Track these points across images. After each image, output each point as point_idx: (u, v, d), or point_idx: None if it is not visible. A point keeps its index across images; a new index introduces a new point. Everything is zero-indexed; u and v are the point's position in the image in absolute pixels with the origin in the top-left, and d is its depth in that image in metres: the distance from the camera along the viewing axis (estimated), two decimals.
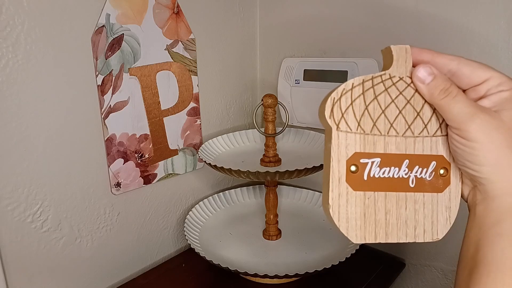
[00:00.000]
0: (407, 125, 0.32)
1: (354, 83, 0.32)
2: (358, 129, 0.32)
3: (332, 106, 0.32)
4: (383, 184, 0.32)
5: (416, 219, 0.33)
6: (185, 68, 0.71)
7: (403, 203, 0.33)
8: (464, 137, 0.29)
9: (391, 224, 0.32)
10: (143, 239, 0.73)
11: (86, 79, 0.58)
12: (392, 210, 0.33)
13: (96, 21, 0.57)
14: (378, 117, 0.32)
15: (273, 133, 0.67)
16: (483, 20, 0.56)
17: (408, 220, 0.33)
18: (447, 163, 0.33)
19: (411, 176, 0.33)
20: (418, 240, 0.33)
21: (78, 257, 0.63)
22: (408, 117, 0.32)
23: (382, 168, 0.32)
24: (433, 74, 0.30)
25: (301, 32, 0.79)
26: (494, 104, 0.29)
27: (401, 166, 0.33)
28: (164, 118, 0.70)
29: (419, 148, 0.33)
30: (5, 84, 0.51)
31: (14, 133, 0.53)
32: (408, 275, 0.75)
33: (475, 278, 0.29)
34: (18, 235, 0.55)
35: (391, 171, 0.32)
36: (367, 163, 0.32)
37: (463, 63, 0.30)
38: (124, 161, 0.66)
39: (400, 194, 0.33)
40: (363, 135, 0.32)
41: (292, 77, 0.79)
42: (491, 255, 0.28)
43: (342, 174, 0.32)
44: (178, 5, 0.68)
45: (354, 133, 0.32)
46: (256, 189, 0.86)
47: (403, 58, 0.32)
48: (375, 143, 0.32)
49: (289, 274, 0.59)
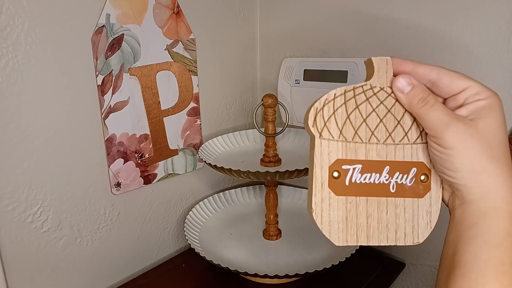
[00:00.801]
0: (388, 133, 0.34)
1: (336, 93, 0.33)
2: (340, 137, 0.33)
3: (315, 115, 0.33)
4: (364, 189, 0.34)
5: (397, 223, 0.34)
6: (185, 68, 0.71)
7: (384, 208, 0.34)
8: (441, 144, 0.30)
9: (372, 227, 0.34)
10: (143, 239, 0.73)
11: (86, 79, 0.58)
12: (374, 214, 0.34)
13: (96, 21, 0.57)
14: (359, 126, 0.34)
15: (273, 133, 0.67)
16: (483, 20, 0.56)
17: (389, 224, 0.34)
18: (428, 170, 0.34)
19: (392, 181, 0.34)
20: (399, 244, 0.34)
21: (78, 257, 0.63)
22: (389, 125, 0.34)
23: (363, 174, 0.34)
24: (412, 84, 0.31)
25: (301, 32, 0.79)
26: (471, 112, 0.30)
27: (382, 172, 0.34)
28: (164, 118, 0.70)
29: (400, 155, 0.34)
30: (5, 84, 0.51)
31: (14, 133, 0.53)
32: (408, 275, 0.75)
33: (452, 279, 0.30)
34: (18, 235, 0.55)
35: (372, 177, 0.34)
36: (348, 169, 0.33)
37: (443, 73, 0.31)
38: (124, 161, 0.66)
39: (381, 199, 0.34)
40: (345, 142, 0.34)
41: (292, 77, 0.79)
42: (466, 256, 0.29)
43: (324, 179, 0.33)
44: (178, 5, 0.68)
45: (336, 141, 0.33)
46: (256, 189, 0.86)
47: (383, 69, 0.33)
48: (357, 150, 0.34)
49: (289, 274, 0.59)
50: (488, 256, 0.28)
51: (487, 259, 0.28)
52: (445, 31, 0.60)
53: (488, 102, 0.30)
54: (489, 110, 0.29)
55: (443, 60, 0.61)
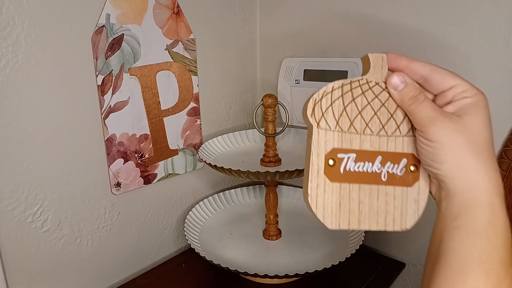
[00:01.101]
0: (381, 125, 0.36)
1: (334, 86, 0.35)
2: (336, 127, 0.36)
3: (314, 106, 0.35)
4: (357, 177, 0.36)
5: (387, 209, 0.36)
6: (185, 68, 0.71)
7: (375, 195, 0.36)
8: (427, 138, 0.32)
9: (363, 213, 0.36)
10: (143, 239, 0.73)
11: (86, 79, 0.58)
12: (365, 200, 0.36)
13: (96, 21, 0.57)
14: (355, 117, 0.36)
15: (273, 133, 0.67)
16: (483, 20, 0.56)
17: (379, 210, 0.36)
18: (417, 161, 0.36)
19: (383, 171, 0.36)
20: (388, 229, 0.36)
21: (78, 257, 0.63)
22: (383, 118, 0.36)
23: (357, 163, 0.36)
24: (405, 82, 0.33)
25: (301, 32, 0.79)
26: (457, 109, 0.32)
27: (374, 161, 0.36)
28: (164, 118, 0.70)
29: (392, 146, 0.36)
30: (5, 84, 0.51)
31: (14, 133, 0.53)
32: (408, 275, 0.75)
33: (437, 267, 0.31)
34: (18, 235, 0.55)
35: (365, 166, 0.36)
36: (343, 158, 0.36)
37: (435, 71, 0.33)
38: (124, 161, 0.66)
39: (373, 187, 0.36)
40: (341, 133, 0.36)
41: (292, 77, 0.79)
42: (450, 245, 0.31)
43: (320, 167, 0.35)
44: (178, 5, 0.68)
45: (332, 131, 0.36)
46: (256, 189, 0.86)
47: (379, 66, 0.35)
48: (352, 140, 0.36)
49: (289, 274, 0.59)
50: (471, 244, 0.30)
51: (470, 247, 0.30)
52: (445, 31, 0.60)
53: (474, 100, 0.31)
54: (474, 108, 0.31)
55: (443, 60, 0.61)
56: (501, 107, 0.57)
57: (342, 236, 0.72)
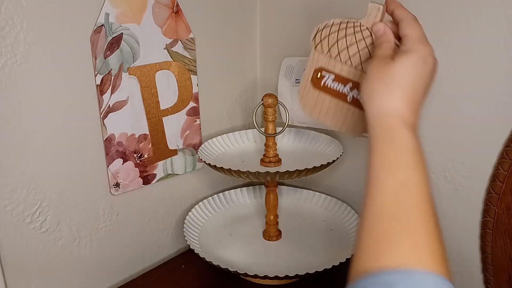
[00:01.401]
0: (360, 62, 0.47)
1: (334, 22, 0.47)
2: (327, 53, 0.48)
3: (316, 32, 0.49)
4: (331, 92, 0.49)
5: (345, 119, 0.49)
6: (185, 67, 0.71)
7: (340, 108, 0.49)
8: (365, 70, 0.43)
9: (328, 115, 0.51)
10: (143, 240, 0.73)
11: (85, 78, 0.58)
12: (332, 108, 0.50)
13: (95, 20, 0.57)
14: (342, 50, 0.47)
15: (273, 133, 0.67)
16: (483, 20, 0.56)
17: (339, 118, 0.50)
18: None
19: (350, 94, 0.48)
20: (342, 131, 0.50)
21: (77, 257, 0.63)
22: (363, 57, 0.46)
23: (333, 82, 0.49)
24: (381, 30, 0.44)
25: (301, 31, 0.79)
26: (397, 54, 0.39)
27: (345, 85, 0.48)
28: (163, 118, 0.70)
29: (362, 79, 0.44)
30: (4, 84, 0.50)
31: (13, 133, 0.52)
32: None
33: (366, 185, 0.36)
34: (17, 236, 0.55)
35: (338, 86, 0.49)
36: (325, 76, 0.49)
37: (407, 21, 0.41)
38: (123, 161, 0.65)
39: (339, 102, 0.49)
40: (330, 58, 0.48)
41: (292, 76, 0.79)
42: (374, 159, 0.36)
43: (309, 76, 0.50)
44: (178, 4, 0.67)
45: (324, 55, 0.49)
46: (256, 190, 0.86)
47: (373, 14, 0.44)
48: (335, 65, 0.48)
49: (289, 275, 0.58)
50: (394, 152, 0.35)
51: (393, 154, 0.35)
52: (445, 31, 0.59)
53: (408, 48, 0.39)
54: (406, 55, 0.38)
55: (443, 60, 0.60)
56: (501, 107, 0.56)
57: (342, 236, 0.72)
